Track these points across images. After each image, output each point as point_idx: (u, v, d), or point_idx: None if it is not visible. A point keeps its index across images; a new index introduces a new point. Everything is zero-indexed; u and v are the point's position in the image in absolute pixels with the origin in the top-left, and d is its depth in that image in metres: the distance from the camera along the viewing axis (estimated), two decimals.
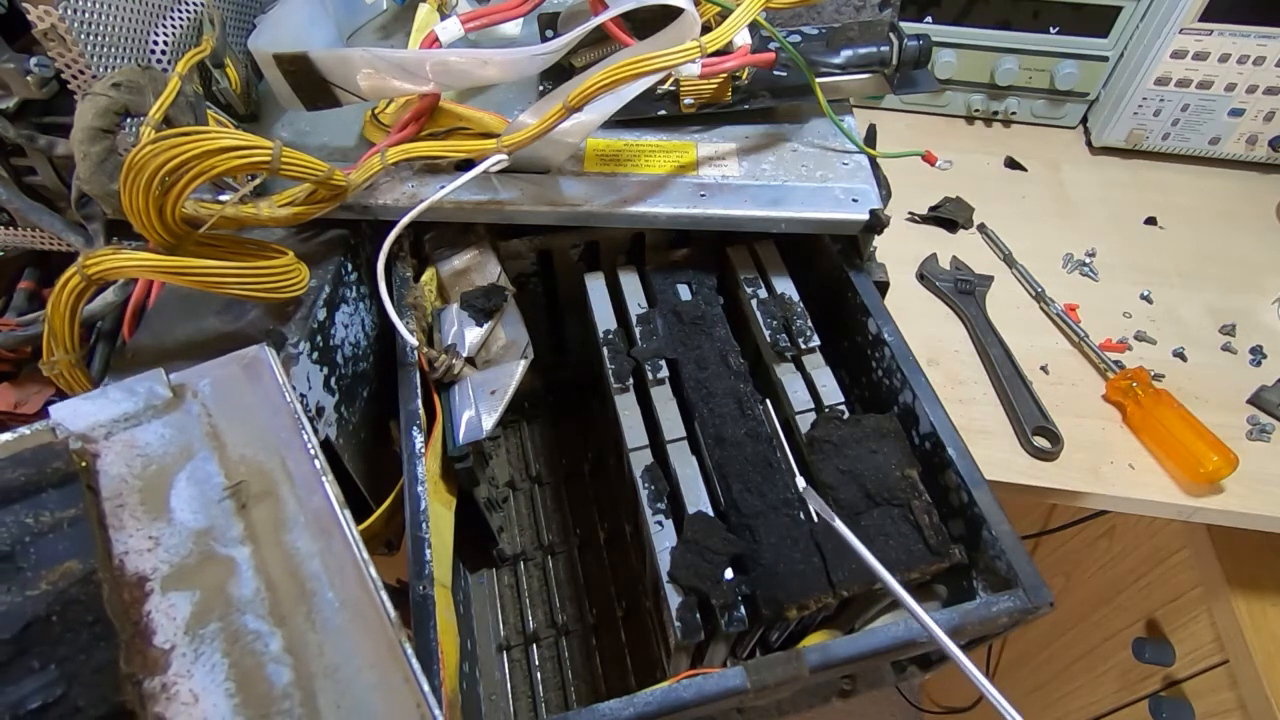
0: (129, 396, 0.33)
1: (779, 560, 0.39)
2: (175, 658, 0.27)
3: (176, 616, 0.28)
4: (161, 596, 0.28)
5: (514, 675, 0.57)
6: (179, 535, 0.29)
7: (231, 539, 0.29)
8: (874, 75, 0.54)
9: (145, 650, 0.27)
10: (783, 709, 0.48)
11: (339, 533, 0.30)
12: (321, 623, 0.28)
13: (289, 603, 0.28)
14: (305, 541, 0.29)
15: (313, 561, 0.29)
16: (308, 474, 0.31)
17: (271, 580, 0.29)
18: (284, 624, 0.28)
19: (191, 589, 0.28)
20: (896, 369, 0.46)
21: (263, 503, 0.30)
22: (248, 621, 0.28)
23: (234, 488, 0.31)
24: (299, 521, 0.30)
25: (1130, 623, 0.81)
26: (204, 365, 0.35)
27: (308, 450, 0.32)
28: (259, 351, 0.35)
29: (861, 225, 0.49)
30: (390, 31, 0.64)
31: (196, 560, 0.29)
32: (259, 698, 0.26)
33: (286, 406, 0.33)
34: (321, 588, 0.28)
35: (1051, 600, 0.36)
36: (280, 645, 0.27)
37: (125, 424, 0.32)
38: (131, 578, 0.28)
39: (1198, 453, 0.54)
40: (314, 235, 0.49)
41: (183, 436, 0.32)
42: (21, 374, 0.54)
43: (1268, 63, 0.73)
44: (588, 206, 0.48)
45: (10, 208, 0.49)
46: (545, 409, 0.71)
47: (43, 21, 0.40)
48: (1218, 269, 0.71)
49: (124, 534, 0.29)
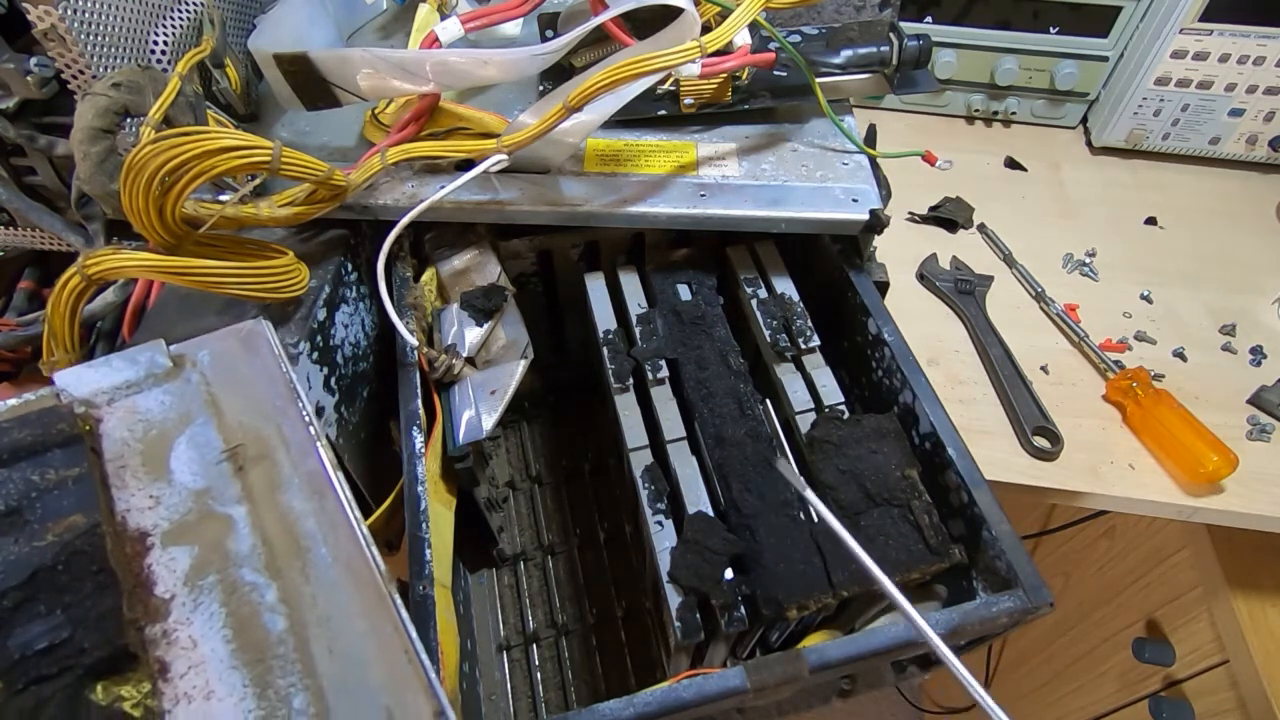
0: (130, 365, 0.34)
1: (779, 560, 0.39)
2: (175, 606, 0.28)
3: (176, 569, 0.29)
4: (162, 550, 0.29)
5: (514, 675, 0.57)
6: (179, 494, 0.31)
7: (229, 498, 0.31)
8: (874, 75, 0.54)
9: (147, 599, 0.28)
10: (783, 709, 0.48)
11: (331, 494, 0.31)
12: (315, 576, 0.29)
13: (284, 558, 0.29)
14: (300, 501, 0.31)
15: (307, 520, 0.30)
16: (303, 439, 0.32)
17: (268, 537, 0.30)
18: (279, 577, 0.29)
19: (191, 544, 0.30)
20: (896, 369, 0.46)
21: (259, 465, 0.32)
22: (244, 574, 0.29)
23: (231, 451, 0.32)
24: (293, 483, 0.31)
25: (1130, 623, 0.81)
26: (203, 338, 0.36)
27: (303, 417, 0.33)
28: (255, 325, 0.36)
29: (861, 225, 0.49)
30: (390, 31, 0.64)
31: (195, 518, 0.30)
32: (255, 643, 0.27)
33: (282, 376, 0.34)
34: (315, 544, 0.30)
35: (1051, 600, 0.36)
36: (275, 596, 0.28)
37: (127, 391, 0.33)
38: (133, 533, 0.30)
39: (1198, 453, 0.54)
40: (314, 235, 0.49)
41: (182, 403, 0.33)
42: (21, 374, 0.54)
43: (1268, 63, 0.73)
44: (588, 206, 0.48)
45: (10, 208, 0.49)
46: (545, 409, 0.71)
47: (43, 21, 0.40)
48: (1218, 269, 0.71)
49: (126, 493, 0.31)
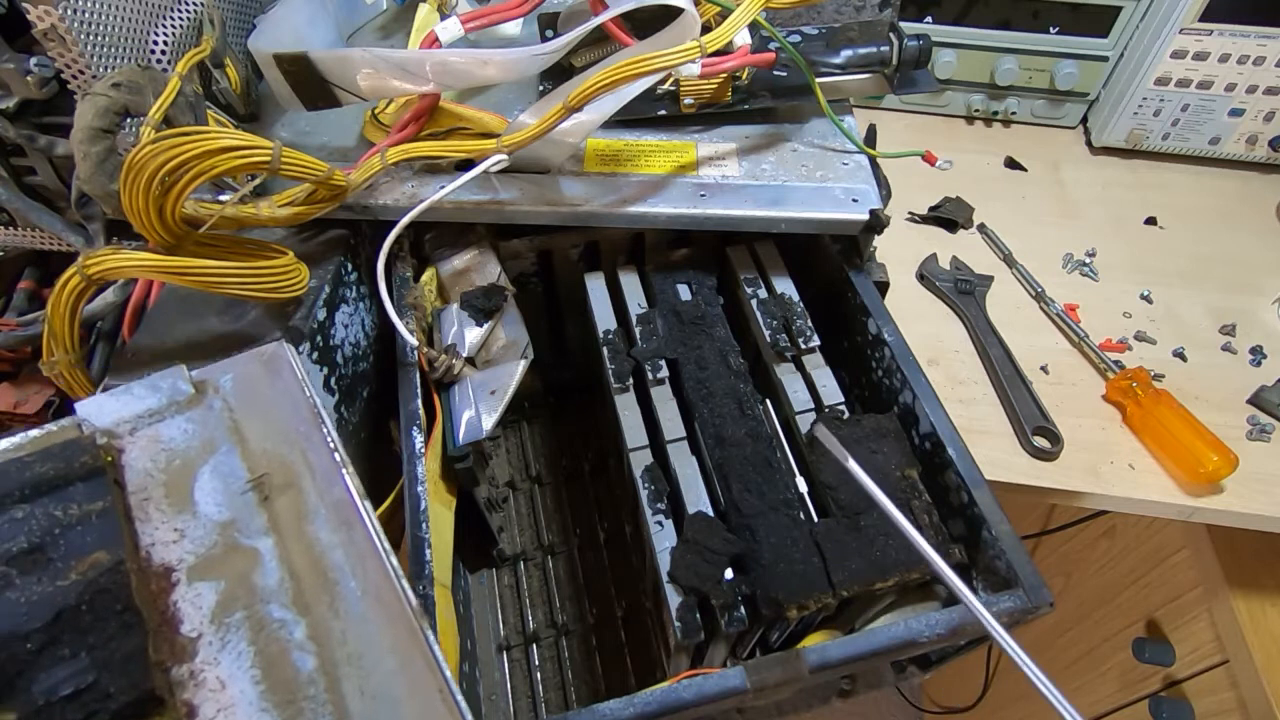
0: (152, 393, 0.33)
1: (779, 560, 0.39)
2: (202, 645, 0.27)
3: (202, 606, 0.28)
4: (188, 586, 0.29)
5: (514, 675, 0.57)
6: (203, 527, 0.30)
7: (255, 530, 0.30)
8: (874, 75, 0.54)
9: (173, 638, 0.27)
10: (783, 709, 0.48)
11: (360, 524, 0.30)
12: (344, 611, 0.28)
13: (312, 592, 0.29)
14: (327, 533, 0.30)
15: (335, 552, 0.30)
16: (328, 466, 0.32)
17: (295, 570, 0.29)
18: (308, 612, 0.28)
19: (217, 579, 0.29)
20: (896, 369, 0.46)
21: (284, 495, 0.31)
22: (272, 610, 0.28)
23: (256, 480, 0.31)
24: (320, 513, 0.30)
25: (1130, 623, 0.81)
26: (225, 361, 0.35)
27: (328, 443, 0.32)
28: (278, 348, 0.35)
29: (861, 225, 0.49)
30: (390, 31, 0.64)
31: (221, 551, 0.29)
32: (285, 683, 0.27)
33: (306, 401, 0.34)
34: (344, 577, 0.29)
35: (1051, 600, 0.36)
36: (304, 633, 0.28)
37: (149, 419, 0.33)
38: (158, 569, 0.29)
39: (1198, 453, 0.54)
40: (314, 235, 0.49)
41: (205, 431, 0.33)
42: (21, 374, 0.54)
43: (1268, 63, 0.73)
44: (588, 206, 0.48)
45: (10, 208, 0.49)
46: (545, 409, 0.71)
47: (43, 21, 0.40)
48: (1218, 269, 0.71)
49: (150, 526, 0.30)
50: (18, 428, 0.51)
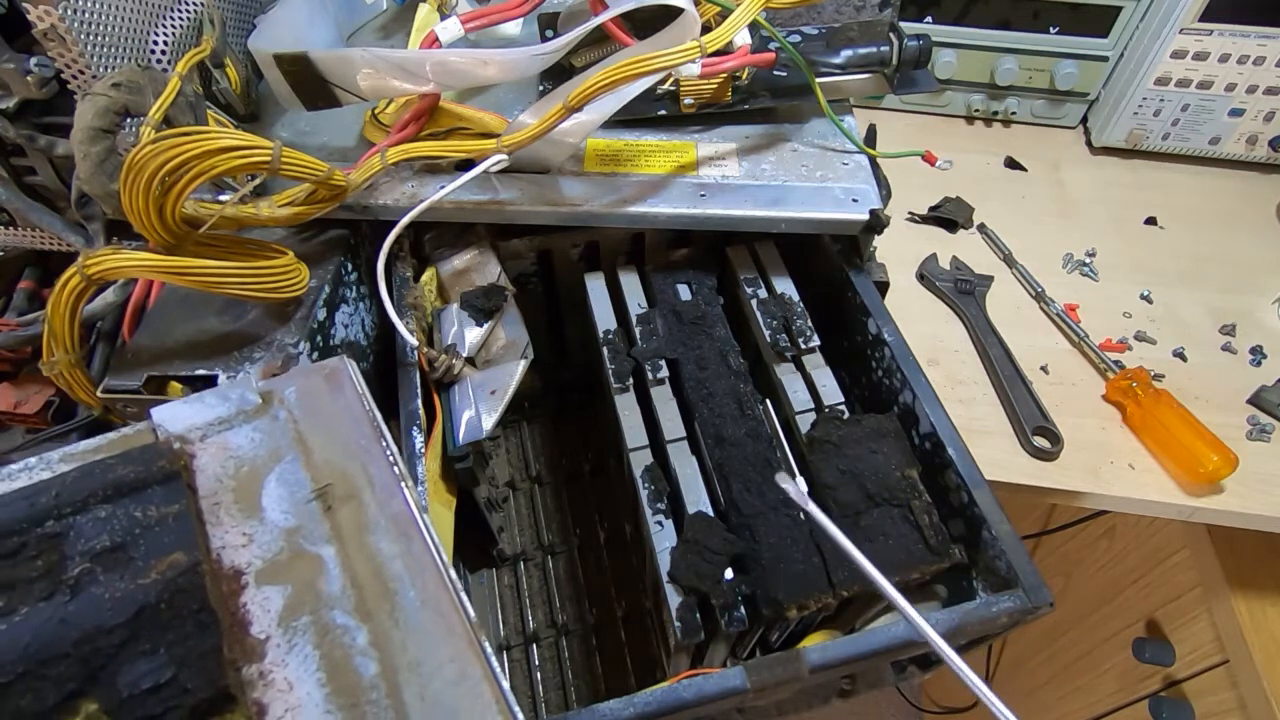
0: (222, 401, 0.35)
1: (779, 560, 0.39)
2: (270, 647, 0.28)
3: (270, 609, 0.29)
4: (256, 589, 0.29)
5: (514, 675, 0.57)
6: (270, 533, 0.31)
7: (319, 538, 0.31)
8: (874, 75, 0.54)
9: (243, 639, 0.28)
10: (783, 709, 0.48)
11: (418, 536, 0.31)
12: (404, 620, 0.29)
13: (373, 600, 0.29)
14: (387, 543, 0.31)
15: (395, 563, 0.30)
16: (388, 480, 0.32)
17: (357, 578, 0.30)
18: (369, 619, 0.29)
19: (283, 584, 0.30)
20: (896, 369, 0.46)
21: (346, 505, 0.32)
22: (336, 616, 0.29)
23: (320, 490, 0.32)
24: (380, 525, 0.31)
25: (1130, 623, 0.81)
26: (289, 374, 0.37)
27: (388, 457, 0.33)
28: (339, 362, 0.37)
29: (861, 225, 0.49)
30: (390, 31, 0.64)
31: (287, 557, 0.30)
32: (349, 687, 0.27)
33: (366, 415, 0.34)
34: (403, 587, 0.30)
35: (1051, 600, 0.36)
36: (366, 639, 0.28)
37: (219, 427, 0.34)
38: (228, 571, 0.30)
39: (1198, 453, 0.54)
40: (314, 235, 0.49)
41: (271, 440, 0.33)
42: (21, 374, 0.54)
43: (1268, 63, 0.73)
44: (588, 206, 0.48)
45: (10, 208, 0.49)
46: (545, 409, 0.71)
47: (43, 21, 0.40)
48: (1218, 269, 0.71)
49: (220, 530, 0.31)
50: (17, 427, 0.52)
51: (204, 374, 0.40)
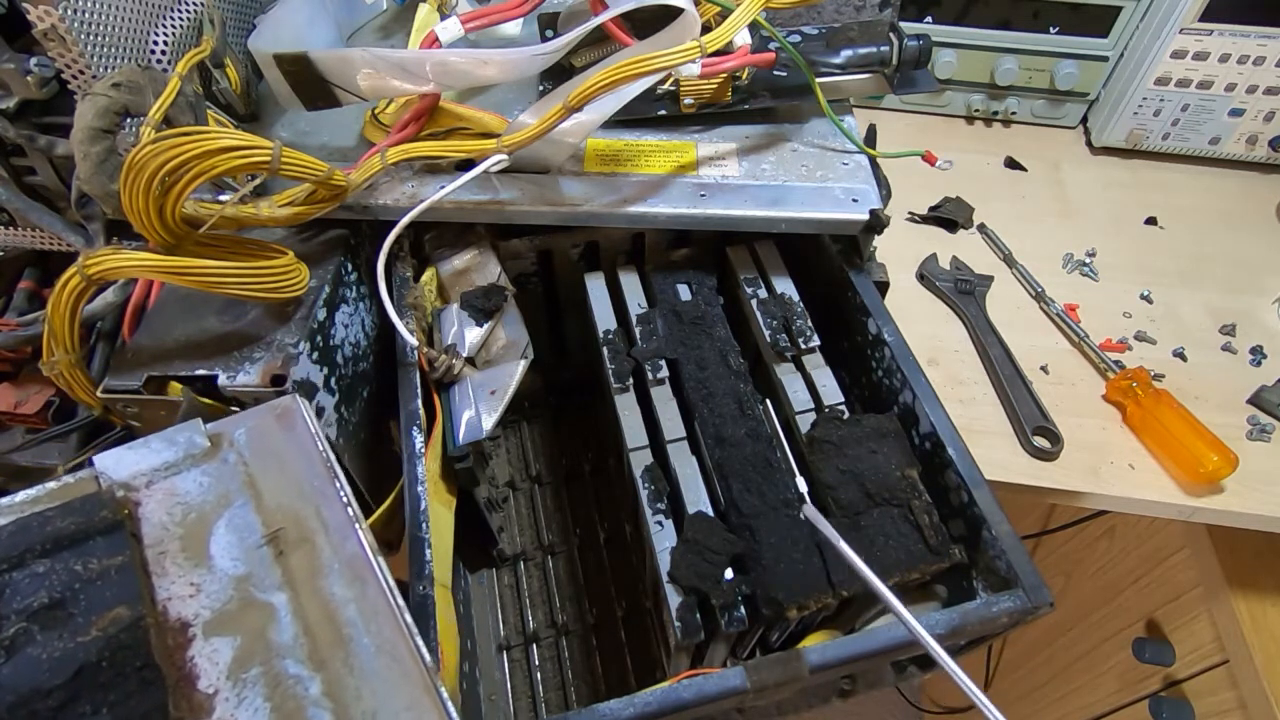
0: (169, 446, 0.34)
1: (779, 560, 0.39)
2: (219, 702, 0.27)
3: (219, 661, 0.28)
4: (204, 642, 0.29)
5: (514, 675, 0.57)
6: (219, 582, 0.30)
7: (270, 585, 0.30)
8: (874, 75, 0.54)
9: (191, 694, 0.27)
10: (783, 709, 0.48)
11: (373, 579, 0.30)
12: (359, 667, 0.28)
13: (327, 648, 0.29)
14: (341, 588, 0.30)
15: (349, 607, 0.30)
16: (342, 522, 0.32)
17: (309, 626, 0.29)
18: (323, 668, 0.28)
19: (233, 634, 0.29)
20: (896, 369, 0.46)
21: (299, 550, 0.31)
22: (288, 666, 0.28)
23: (271, 535, 0.31)
24: (334, 568, 0.31)
25: (1130, 623, 0.81)
26: (239, 415, 0.36)
27: (341, 498, 0.32)
28: (290, 402, 0.36)
29: (861, 225, 0.49)
30: (390, 31, 0.64)
31: (237, 606, 0.30)
32: None
33: (319, 455, 0.34)
34: (358, 633, 0.29)
35: (1051, 600, 0.36)
36: (320, 689, 0.28)
37: (165, 473, 0.33)
38: (175, 624, 0.29)
39: (1198, 453, 0.54)
40: (314, 235, 0.49)
41: (221, 485, 0.33)
42: (21, 374, 0.54)
43: (1268, 63, 0.73)
44: (588, 206, 0.48)
45: (10, 208, 0.49)
46: (545, 409, 0.71)
47: (43, 21, 0.40)
48: (1218, 269, 0.71)
49: (166, 580, 0.30)
50: (17, 427, 0.52)
51: (204, 374, 0.40)
